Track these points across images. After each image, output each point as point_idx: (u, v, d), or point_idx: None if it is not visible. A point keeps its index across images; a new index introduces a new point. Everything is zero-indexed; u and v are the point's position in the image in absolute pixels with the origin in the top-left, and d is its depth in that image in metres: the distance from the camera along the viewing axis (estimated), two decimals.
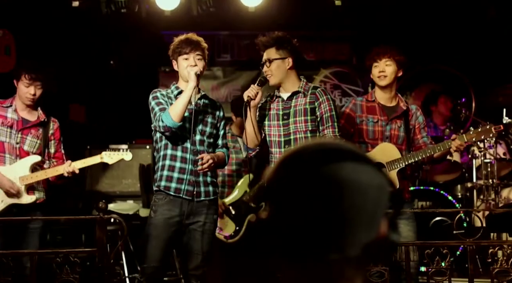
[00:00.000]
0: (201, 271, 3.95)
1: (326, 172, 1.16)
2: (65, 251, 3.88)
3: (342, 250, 1.15)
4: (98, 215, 3.82)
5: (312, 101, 4.01)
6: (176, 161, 3.95)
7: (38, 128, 4.50)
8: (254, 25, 6.49)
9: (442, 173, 6.02)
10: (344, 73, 7.59)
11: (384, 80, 4.22)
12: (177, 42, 4.00)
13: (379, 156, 4.09)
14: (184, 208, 3.92)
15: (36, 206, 4.44)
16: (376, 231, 1.17)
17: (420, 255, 4.12)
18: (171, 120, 3.82)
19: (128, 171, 6.33)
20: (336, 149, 1.21)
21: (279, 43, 4.05)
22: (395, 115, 4.25)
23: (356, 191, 1.16)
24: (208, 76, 7.50)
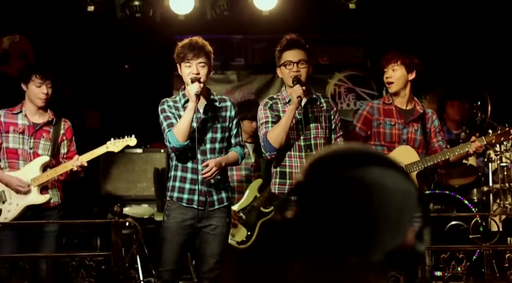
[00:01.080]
0: (214, 274, 3.95)
1: (353, 175, 1.17)
2: (81, 255, 3.90)
3: (365, 254, 1.14)
4: (113, 218, 3.84)
5: (328, 109, 4.12)
6: (187, 172, 3.95)
7: (49, 131, 4.52)
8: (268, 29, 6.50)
9: (457, 177, 5.97)
10: (359, 76, 7.57)
11: (392, 87, 4.27)
12: (180, 47, 3.93)
13: (398, 158, 4.08)
14: (196, 213, 3.93)
15: (51, 209, 4.47)
16: (402, 238, 1.16)
17: (436, 259, 4.10)
18: (177, 141, 3.83)
19: (143, 175, 6.36)
20: (364, 153, 1.21)
21: (307, 48, 4.05)
22: (412, 118, 4.26)
23: (383, 195, 1.15)
24: (222, 80, 7.52)
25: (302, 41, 4.04)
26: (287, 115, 3.90)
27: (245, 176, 5.42)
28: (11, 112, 4.48)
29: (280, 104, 4.08)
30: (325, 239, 1.15)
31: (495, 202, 5.77)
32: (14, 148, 4.42)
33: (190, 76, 3.86)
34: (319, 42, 7.41)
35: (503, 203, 5.62)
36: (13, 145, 4.42)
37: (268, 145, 3.95)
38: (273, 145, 3.92)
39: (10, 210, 4.34)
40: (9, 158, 4.42)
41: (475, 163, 5.89)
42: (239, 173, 5.41)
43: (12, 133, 4.42)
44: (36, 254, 4.23)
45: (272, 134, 3.92)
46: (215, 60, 7.35)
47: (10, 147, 4.42)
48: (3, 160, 4.43)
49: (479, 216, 5.25)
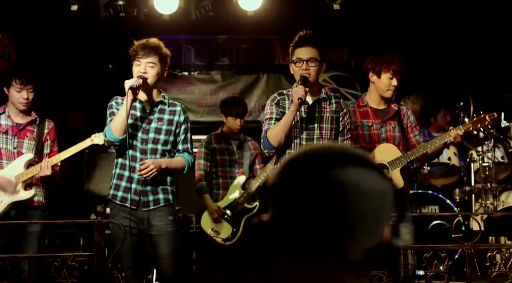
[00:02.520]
0: (172, 274, 3.94)
1: (331, 175, 1.17)
2: (63, 255, 3.87)
3: (343, 254, 1.15)
4: (96, 219, 3.82)
5: (338, 110, 4.03)
6: (124, 170, 3.93)
7: (33, 130, 4.51)
8: (252, 29, 6.52)
9: (440, 177, 6.02)
10: (343, 77, 7.60)
11: (393, 94, 4.33)
12: (135, 45, 3.92)
13: (379, 157, 4.13)
14: (135, 215, 3.92)
15: (35, 208, 4.45)
16: (379, 237, 1.17)
17: (419, 258, 4.13)
18: (111, 134, 3.83)
19: None
20: (342, 153, 1.21)
21: (321, 46, 4.00)
22: (388, 117, 4.32)
23: (360, 195, 1.16)
24: (207, 80, 7.51)
25: (316, 38, 3.97)
26: (287, 116, 3.84)
27: (229, 172, 5.41)
28: None
29: (287, 101, 4.01)
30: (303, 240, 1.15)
31: (477, 202, 5.82)
32: None
33: (137, 74, 3.84)
34: None
35: (485, 202, 5.67)
36: None
37: (267, 142, 3.91)
38: (272, 143, 3.87)
39: None
40: None
41: (457, 163, 5.94)
42: (224, 169, 5.41)
43: None
44: (18, 255, 4.20)
45: (271, 133, 3.88)
46: (200, 60, 7.46)
47: None
48: None
49: (461, 215, 5.30)
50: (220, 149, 5.43)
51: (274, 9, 6.19)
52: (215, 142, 5.45)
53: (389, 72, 4.25)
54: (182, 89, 7.26)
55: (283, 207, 1.19)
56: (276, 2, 6.13)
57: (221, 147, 5.44)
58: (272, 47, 7.55)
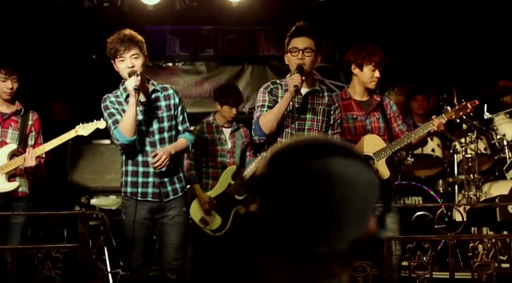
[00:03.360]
0: (176, 264, 3.98)
1: (316, 166, 1.17)
2: (47, 247, 3.85)
3: (330, 245, 1.15)
4: (80, 210, 3.80)
5: (330, 104, 4.04)
6: (138, 166, 3.95)
7: (17, 120, 4.50)
8: (237, 20, 6.49)
9: (424, 168, 6.06)
10: (328, 68, 7.60)
11: (375, 86, 4.34)
12: (110, 42, 3.89)
13: (365, 148, 4.14)
14: (152, 206, 3.96)
15: (19, 199, 4.43)
16: (365, 227, 1.17)
17: (402, 249, 4.16)
18: (124, 137, 3.82)
19: (111, 166, 6.31)
20: (326, 144, 1.21)
21: (318, 38, 3.98)
22: (372, 108, 4.34)
23: (345, 186, 1.16)
24: (192, 71, 7.48)
25: (312, 29, 3.96)
26: (281, 103, 3.82)
27: (220, 162, 5.38)
28: None
29: (280, 90, 4.00)
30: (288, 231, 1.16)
31: (460, 193, 5.87)
32: None
33: (127, 70, 3.83)
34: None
35: (468, 193, 5.72)
36: None
37: (258, 129, 3.87)
38: (263, 130, 3.84)
39: None
40: None
41: (441, 155, 5.98)
42: (214, 159, 5.39)
43: None
44: (1, 246, 4.18)
45: (263, 119, 3.85)
46: (184, 51, 7.42)
47: None
48: None
49: (444, 206, 5.34)
50: (212, 139, 5.40)
51: (259, 0, 6.18)
52: (207, 132, 5.42)
53: (371, 65, 4.26)
54: (167, 80, 7.22)
55: (270, 197, 1.19)
56: None
57: (213, 136, 5.41)
58: (257, 38, 7.53)
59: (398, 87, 7.37)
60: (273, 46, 7.37)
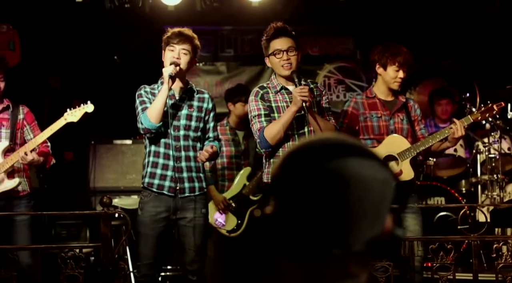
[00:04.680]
0: (196, 266, 3.95)
1: (331, 167, 1.16)
2: (70, 246, 3.89)
3: (346, 245, 1.14)
4: (102, 210, 3.83)
5: (318, 94, 4.03)
6: (159, 157, 3.94)
7: (8, 118, 4.47)
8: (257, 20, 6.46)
9: (446, 168, 6.01)
10: (348, 68, 7.57)
11: (399, 86, 4.30)
12: (170, 32, 3.95)
13: (389, 148, 4.12)
14: (169, 204, 3.92)
15: (21, 198, 4.44)
16: (381, 226, 1.17)
17: (425, 250, 4.12)
18: (149, 122, 3.83)
19: (132, 166, 6.35)
20: (341, 144, 1.20)
21: (294, 35, 3.97)
22: (396, 108, 4.30)
23: (361, 185, 1.15)
24: (212, 72, 7.50)
25: (288, 28, 3.96)
26: (287, 116, 3.78)
27: (235, 163, 5.40)
28: None
29: (271, 94, 3.97)
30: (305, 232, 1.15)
31: (483, 193, 5.81)
32: None
33: (171, 59, 3.87)
34: (309, 34, 7.39)
35: (491, 194, 5.66)
36: None
37: (264, 141, 3.84)
38: (270, 142, 3.81)
39: None
40: None
41: (463, 155, 5.92)
42: (229, 161, 5.41)
43: None
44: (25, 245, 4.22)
45: (269, 132, 3.81)
46: (205, 51, 7.44)
47: None
48: None
49: (467, 207, 5.29)
50: (226, 140, 5.42)
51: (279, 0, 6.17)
52: (221, 133, 5.44)
53: (395, 65, 4.22)
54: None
55: (285, 199, 1.19)
56: None
57: (227, 138, 5.43)
58: None
59: (420, 87, 7.31)
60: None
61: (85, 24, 6.73)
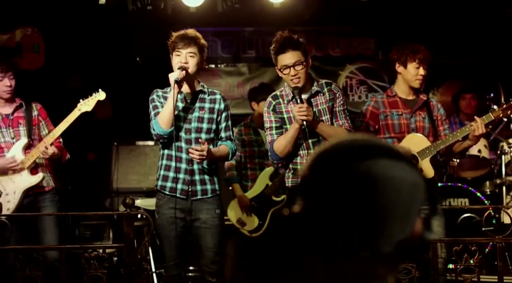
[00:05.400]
0: (214, 267, 3.97)
1: (360, 168, 1.15)
2: (93, 246, 3.92)
3: (375, 247, 1.14)
4: (125, 210, 3.85)
5: (332, 98, 3.99)
6: (171, 160, 3.97)
7: (23, 116, 4.52)
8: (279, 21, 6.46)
9: (470, 169, 5.94)
10: (370, 68, 7.54)
11: (421, 84, 4.27)
12: (173, 36, 3.95)
13: (409, 146, 4.09)
14: (183, 206, 3.96)
15: (46, 193, 4.49)
16: (410, 229, 1.16)
17: (448, 252, 4.08)
18: (160, 128, 3.86)
19: (154, 168, 6.34)
20: (370, 145, 1.20)
21: (302, 44, 3.93)
22: (417, 106, 4.27)
23: (390, 187, 1.14)
24: (234, 73, 7.51)
25: (295, 39, 3.90)
26: (291, 132, 3.83)
27: (258, 164, 5.40)
28: None
29: (283, 104, 3.99)
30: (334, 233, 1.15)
31: (508, 194, 5.74)
32: None
33: (178, 64, 3.88)
34: (330, 34, 7.38)
35: None
36: None
37: (274, 154, 3.93)
38: (279, 155, 3.90)
39: (10, 200, 4.35)
40: None
41: (487, 155, 5.86)
42: (252, 161, 5.41)
43: None
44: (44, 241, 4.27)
45: (277, 146, 3.89)
46: (226, 53, 7.46)
47: None
48: None
49: (492, 208, 5.22)
50: (249, 141, 5.43)
51: (301, 0, 6.16)
52: (244, 134, 5.46)
53: (415, 62, 4.19)
54: (209, 82, 7.24)
55: (313, 200, 1.18)
56: None
57: (250, 138, 5.44)
58: None
59: (443, 87, 7.25)
60: (314, 47, 7.33)
61: (108, 25, 6.78)
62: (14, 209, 4.33)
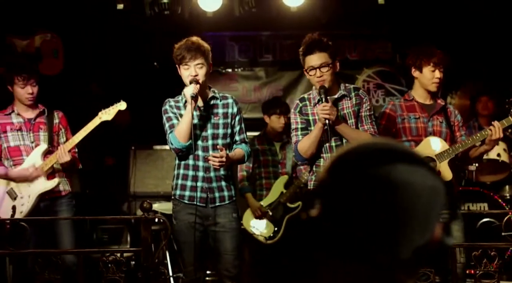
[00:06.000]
0: (234, 271, 3.97)
1: (379, 173, 1.15)
2: (111, 250, 3.94)
3: (393, 252, 1.13)
4: (143, 214, 3.87)
5: (358, 102, 3.98)
6: (188, 170, 3.99)
7: (45, 122, 4.57)
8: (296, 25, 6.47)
9: (489, 173, 5.89)
10: (387, 72, 7.51)
11: (438, 87, 4.24)
12: (177, 48, 3.93)
13: (427, 150, 4.07)
14: (201, 212, 3.97)
15: (62, 197, 4.53)
16: (430, 234, 1.15)
17: (468, 257, 4.05)
18: (178, 142, 3.88)
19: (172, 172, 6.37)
20: (389, 150, 1.19)
21: (330, 47, 3.92)
22: (435, 111, 4.26)
23: (409, 192, 1.14)
24: (251, 77, 7.52)
25: (323, 41, 3.90)
26: (315, 132, 3.83)
27: (273, 173, 5.42)
28: (3, 114, 4.55)
29: (309, 107, 4.00)
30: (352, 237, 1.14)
31: None
32: (16, 145, 4.49)
33: (189, 78, 3.87)
34: (347, 38, 7.36)
35: None
36: (13, 142, 4.48)
37: (298, 155, 3.94)
38: (303, 155, 3.90)
39: (24, 203, 4.40)
40: (12, 156, 4.48)
41: (507, 159, 5.79)
42: (267, 170, 5.42)
43: (10, 132, 4.49)
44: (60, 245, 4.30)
45: (302, 146, 3.90)
46: (243, 57, 7.47)
47: (12, 145, 4.48)
48: (6, 160, 4.48)
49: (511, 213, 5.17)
50: (262, 150, 5.44)
51: (318, 4, 6.15)
52: (258, 143, 5.48)
53: (430, 65, 4.18)
54: (226, 86, 7.28)
55: (332, 204, 1.18)
56: None
57: (263, 147, 5.46)
58: None
59: (461, 90, 7.20)
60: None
61: (126, 30, 6.82)
62: (28, 213, 4.37)
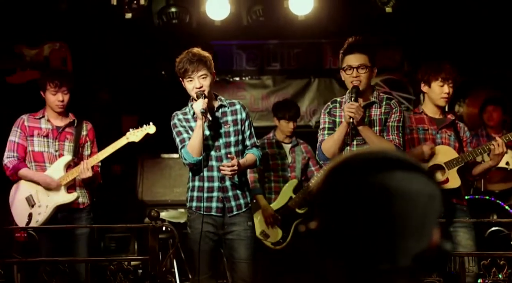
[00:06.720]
0: (249, 280, 3.95)
1: (376, 181, 1.15)
2: (119, 259, 3.94)
3: (393, 260, 1.13)
4: (150, 223, 3.87)
5: (387, 111, 3.97)
6: (203, 181, 3.96)
7: (72, 132, 4.59)
8: (303, 34, 6.50)
9: (498, 182, 5.86)
10: (395, 80, 7.49)
11: (447, 102, 4.24)
12: (178, 63, 3.89)
13: (436, 159, 4.06)
14: (216, 221, 3.95)
15: (81, 210, 4.54)
16: (428, 240, 1.15)
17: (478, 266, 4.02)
18: (192, 157, 3.85)
19: (179, 180, 6.40)
20: (386, 158, 1.19)
21: (371, 51, 3.95)
22: (444, 124, 4.26)
23: (406, 199, 1.14)
24: (258, 85, 7.53)
25: (365, 44, 3.94)
26: (340, 131, 3.84)
27: (282, 176, 5.40)
28: (33, 117, 4.58)
29: (338, 109, 4.01)
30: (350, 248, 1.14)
31: None
32: (40, 151, 4.51)
33: (195, 91, 3.85)
34: None
35: None
36: (38, 148, 4.51)
37: (321, 154, 3.95)
38: (326, 155, 3.90)
39: (40, 212, 4.41)
40: (35, 161, 4.51)
41: None
42: (276, 174, 5.40)
43: (36, 137, 4.51)
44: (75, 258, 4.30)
45: (325, 146, 3.91)
46: (251, 65, 7.48)
47: (36, 150, 4.51)
48: (29, 163, 4.51)
49: None
50: (272, 154, 5.43)
51: (325, 13, 6.16)
52: (267, 147, 5.46)
53: (439, 80, 4.17)
54: (234, 95, 7.29)
55: (329, 214, 1.18)
56: (327, 6, 6.10)
57: (273, 151, 5.44)
58: (323, 52, 7.51)
59: (470, 99, 7.17)
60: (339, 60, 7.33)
61: (135, 40, 6.86)
62: (43, 223, 4.39)
